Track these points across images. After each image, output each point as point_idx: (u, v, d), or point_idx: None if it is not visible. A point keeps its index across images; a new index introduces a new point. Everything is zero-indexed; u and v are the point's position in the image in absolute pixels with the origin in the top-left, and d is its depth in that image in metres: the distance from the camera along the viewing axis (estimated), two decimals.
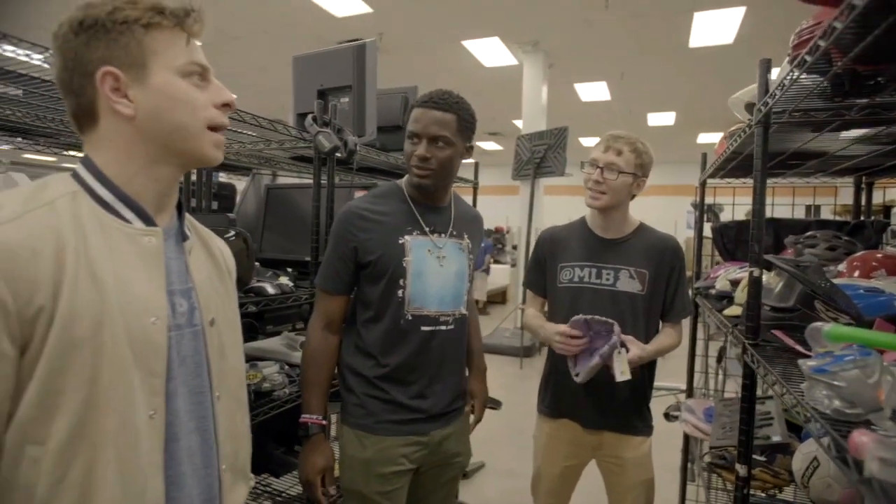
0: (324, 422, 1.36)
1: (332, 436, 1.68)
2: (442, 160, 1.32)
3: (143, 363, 0.70)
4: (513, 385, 5.03)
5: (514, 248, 10.58)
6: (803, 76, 0.99)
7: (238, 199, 2.20)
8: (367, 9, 5.92)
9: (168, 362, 0.74)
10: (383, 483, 1.34)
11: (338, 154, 1.56)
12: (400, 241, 1.34)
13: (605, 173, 1.55)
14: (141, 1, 0.72)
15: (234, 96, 0.81)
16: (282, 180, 2.39)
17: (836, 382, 0.68)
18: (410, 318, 1.34)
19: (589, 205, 1.62)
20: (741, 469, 1.16)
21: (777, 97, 1.03)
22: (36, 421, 0.63)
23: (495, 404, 3.27)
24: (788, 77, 0.96)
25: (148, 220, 0.75)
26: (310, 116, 1.58)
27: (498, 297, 10.15)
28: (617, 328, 1.42)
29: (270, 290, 1.51)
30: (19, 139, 1.86)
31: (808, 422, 0.71)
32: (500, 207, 10.80)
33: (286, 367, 1.67)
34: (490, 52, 7.13)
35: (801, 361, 0.78)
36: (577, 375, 1.50)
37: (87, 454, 0.65)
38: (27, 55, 1.33)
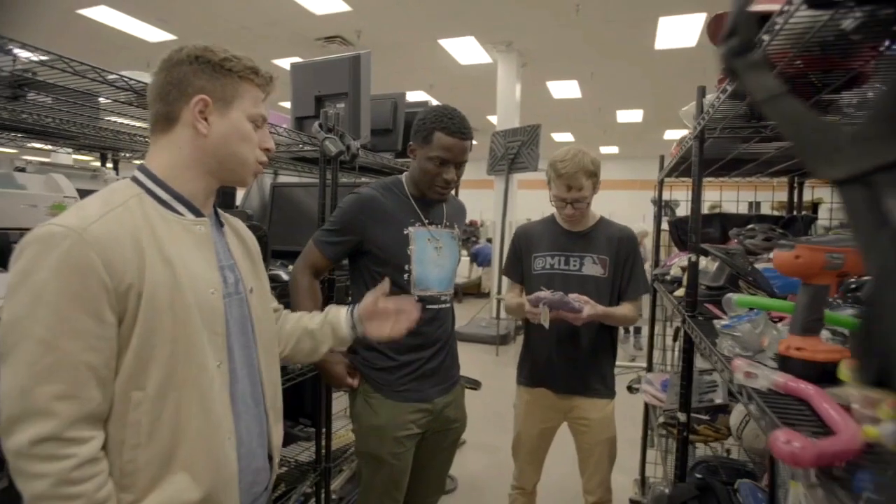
0: None
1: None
2: (458, 179, 1.57)
3: (208, 325, 0.91)
4: (490, 371, 5.30)
5: (489, 241, 10.86)
6: (728, 100, 1.25)
7: (242, 196, 2.38)
8: (346, 7, 6.05)
9: (225, 323, 0.95)
10: (395, 445, 1.55)
11: (341, 157, 1.77)
12: (405, 232, 1.56)
13: (576, 205, 1.80)
14: (245, 59, 0.94)
15: (274, 146, 1.04)
16: (280, 179, 2.58)
17: (735, 334, 0.94)
18: (417, 298, 1.56)
19: (567, 226, 1.89)
20: (682, 416, 1.43)
21: (707, 118, 1.29)
22: (136, 372, 0.83)
23: (475, 385, 3.53)
24: (713, 104, 1.22)
25: (197, 213, 0.96)
26: (316, 123, 1.78)
27: (473, 289, 10.43)
28: (560, 293, 1.68)
29: (284, 276, 1.72)
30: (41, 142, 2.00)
31: (715, 364, 0.97)
32: (474, 202, 11.02)
33: None
34: (466, 50, 7.34)
35: (714, 322, 1.04)
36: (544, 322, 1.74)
37: (176, 395, 0.86)
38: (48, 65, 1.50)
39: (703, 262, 1.58)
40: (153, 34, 6.95)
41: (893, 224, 0.28)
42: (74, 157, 3.05)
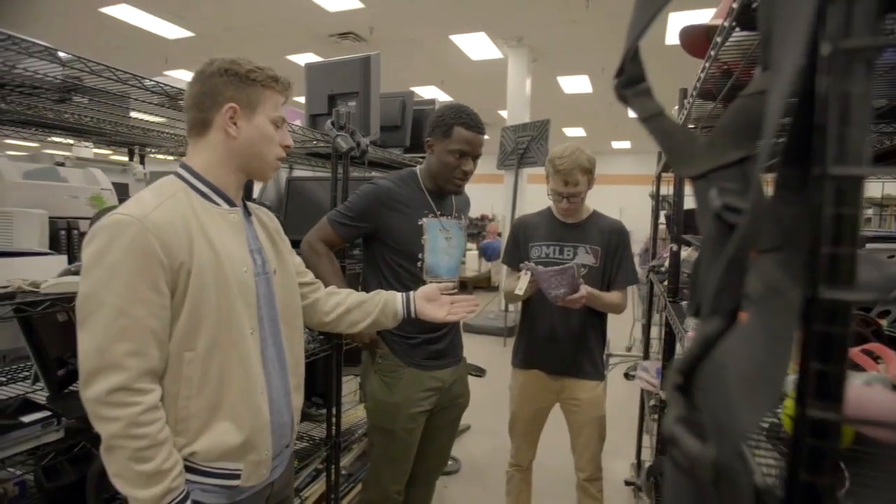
0: None
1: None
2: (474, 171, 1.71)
3: (243, 298, 1.07)
4: (496, 360, 5.41)
5: (500, 235, 10.96)
6: (705, 101, 1.37)
7: (259, 189, 2.54)
8: (359, 4, 6.17)
9: (256, 297, 1.10)
10: (408, 421, 1.70)
11: (352, 153, 1.91)
12: (419, 223, 1.69)
13: (571, 200, 1.92)
14: (267, 70, 1.09)
15: (293, 142, 1.19)
16: (295, 173, 2.74)
17: None
18: (429, 283, 1.69)
19: (562, 218, 2.01)
20: (662, 393, 1.56)
21: (684, 118, 1.41)
22: (188, 336, 1.00)
23: (479, 372, 3.67)
24: (686, 105, 1.33)
25: (231, 203, 1.12)
26: (329, 122, 1.92)
27: (483, 283, 10.55)
28: (542, 268, 1.79)
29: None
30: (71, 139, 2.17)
31: (681, 339, 1.10)
32: (485, 196, 11.14)
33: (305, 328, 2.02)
34: (477, 46, 7.42)
35: (683, 303, 1.17)
36: (517, 290, 1.82)
37: (221, 356, 1.02)
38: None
39: (684, 252, 1.69)
40: (172, 31, 7.14)
41: (710, 207, 0.41)
42: (94, 150, 3.22)
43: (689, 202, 2.70)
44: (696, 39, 1.20)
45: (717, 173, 0.43)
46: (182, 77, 4.48)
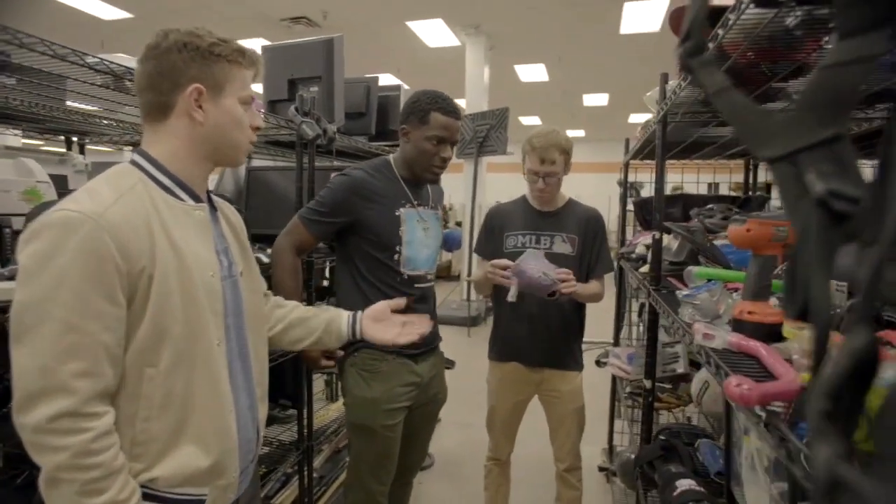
0: None
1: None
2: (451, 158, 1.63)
3: (211, 306, 0.95)
4: (462, 351, 5.38)
5: (458, 224, 10.93)
6: (689, 87, 1.34)
7: (214, 180, 2.37)
8: None
9: (223, 305, 0.99)
10: (387, 417, 1.61)
11: (318, 141, 1.79)
12: (396, 214, 1.60)
13: (547, 180, 1.87)
14: (231, 42, 0.96)
15: (263, 123, 1.07)
16: (254, 163, 2.57)
17: (695, 302, 1.04)
18: (406, 277, 1.62)
19: (537, 204, 1.96)
20: (647, 383, 1.54)
21: (670, 103, 1.38)
22: (149, 349, 0.87)
23: (450, 364, 3.62)
24: (675, 90, 1.30)
25: (196, 198, 0.99)
26: (293, 107, 1.79)
27: (443, 272, 10.52)
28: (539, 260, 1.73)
29: (265, 258, 1.74)
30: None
31: (677, 329, 1.07)
32: (443, 186, 11.03)
33: None
34: (434, 33, 7.31)
35: (676, 292, 1.14)
36: (510, 297, 1.78)
37: (186, 372, 0.90)
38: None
39: (666, 239, 1.68)
40: (108, 12, 6.67)
41: (811, 193, 0.35)
42: (23, 141, 2.96)
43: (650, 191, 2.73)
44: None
45: (804, 155, 0.38)
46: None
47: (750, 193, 2.54)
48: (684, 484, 1.35)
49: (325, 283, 2.82)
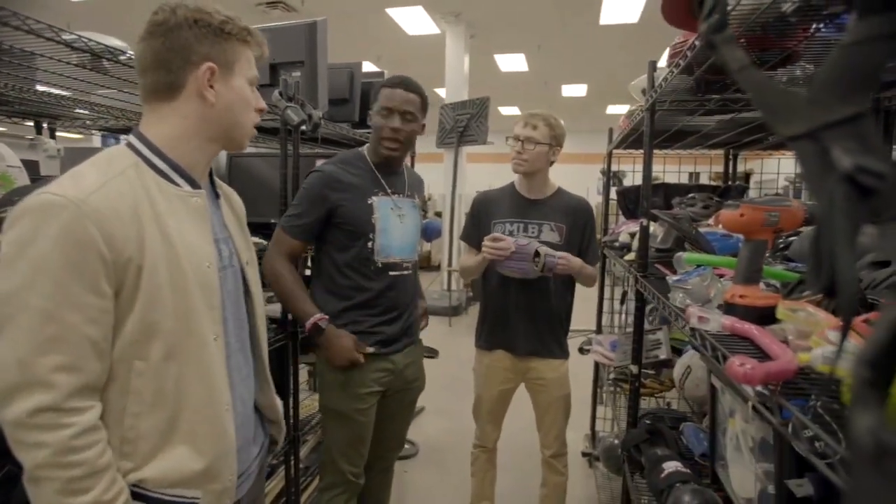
0: (326, 316, 1.59)
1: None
2: (408, 133, 1.61)
3: (205, 300, 0.91)
4: (444, 341, 5.39)
5: (438, 214, 10.90)
6: (678, 76, 1.35)
7: None
8: None
9: (221, 298, 0.95)
10: (358, 401, 1.63)
11: (303, 126, 1.75)
12: (368, 202, 1.60)
13: (525, 145, 1.88)
14: (237, 20, 0.92)
15: (266, 106, 1.04)
16: None
17: (686, 287, 1.05)
18: (381, 265, 1.61)
19: (514, 170, 1.97)
20: (634, 368, 1.56)
21: (659, 91, 1.39)
22: (139, 342, 0.84)
23: (432, 353, 3.63)
24: (665, 78, 1.31)
25: (193, 184, 0.94)
26: (277, 92, 1.75)
27: (423, 262, 10.51)
28: (535, 243, 1.77)
29: None
30: None
31: (669, 315, 1.08)
32: (423, 175, 10.97)
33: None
34: (414, 20, 7.22)
35: (667, 278, 1.15)
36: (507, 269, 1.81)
37: (177, 368, 0.87)
38: None
39: (652, 227, 1.70)
40: None
41: (837, 168, 0.35)
42: None
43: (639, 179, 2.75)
44: (678, 8, 1.16)
45: (826, 132, 0.38)
46: None
47: (730, 183, 2.59)
48: (671, 466, 1.38)
49: (308, 272, 2.79)
